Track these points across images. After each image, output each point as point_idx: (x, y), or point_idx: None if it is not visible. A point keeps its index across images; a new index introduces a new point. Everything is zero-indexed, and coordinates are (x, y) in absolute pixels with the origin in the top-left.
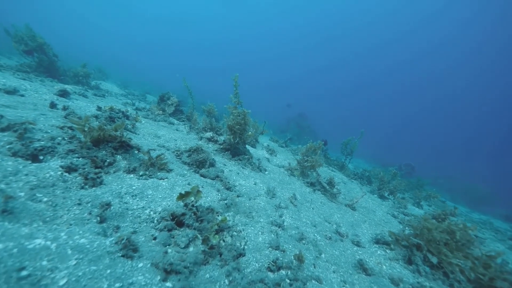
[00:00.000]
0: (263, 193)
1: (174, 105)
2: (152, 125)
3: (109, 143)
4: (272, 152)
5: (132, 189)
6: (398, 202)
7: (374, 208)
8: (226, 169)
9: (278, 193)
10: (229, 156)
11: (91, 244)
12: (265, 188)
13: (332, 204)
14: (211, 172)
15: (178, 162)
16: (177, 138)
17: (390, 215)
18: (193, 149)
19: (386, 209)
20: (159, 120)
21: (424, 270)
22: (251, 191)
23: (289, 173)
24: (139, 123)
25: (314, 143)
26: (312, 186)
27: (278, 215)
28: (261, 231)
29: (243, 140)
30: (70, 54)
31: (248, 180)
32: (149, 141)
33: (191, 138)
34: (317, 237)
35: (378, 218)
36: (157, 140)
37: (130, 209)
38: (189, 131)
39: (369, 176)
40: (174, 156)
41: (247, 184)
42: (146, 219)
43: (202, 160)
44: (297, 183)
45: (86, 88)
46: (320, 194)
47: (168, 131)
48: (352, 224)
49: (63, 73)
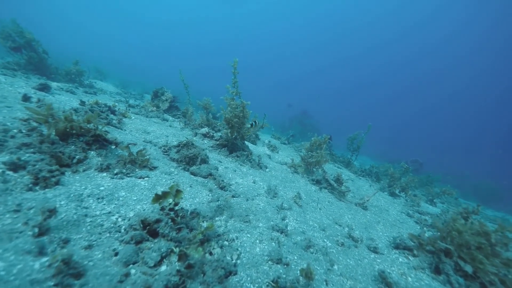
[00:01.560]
0: (263, 193)
1: (168, 101)
2: (143, 121)
3: (81, 137)
4: (274, 149)
5: (99, 190)
6: (411, 199)
7: (387, 206)
8: (221, 166)
9: (280, 192)
10: (226, 153)
11: (10, 269)
12: (266, 186)
13: (341, 204)
14: (203, 170)
15: (165, 158)
16: (169, 134)
17: (404, 214)
18: (183, 144)
19: (399, 208)
20: (152, 117)
21: (457, 282)
22: (249, 190)
23: (293, 170)
24: (128, 119)
25: (319, 137)
26: (318, 184)
27: (280, 218)
28: (260, 239)
29: (241, 135)
30: (73, 58)
31: (246, 178)
32: (136, 137)
33: (185, 135)
34: (327, 244)
35: (393, 218)
36: (146, 136)
37: (90, 215)
38: (184, 127)
39: (377, 173)
40: (160, 152)
41: (245, 182)
42: (110, 228)
43: (193, 156)
44: (302, 181)
45: (77, 85)
46: (327, 193)
47: (160, 127)
48: (365, 226)
49: (54, 71)
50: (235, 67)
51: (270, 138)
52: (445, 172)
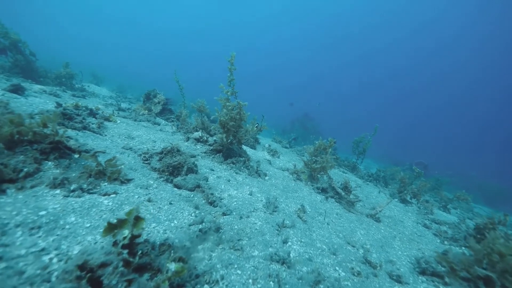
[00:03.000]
0: (260, 207)
1: (161, 104)
2: (129, 125)
3: (35, 144)
4: (275, 154)
5: (38, 216)
6: (424, 207)
7: (400, 216)
8: (212, 175)
9: (282, 204)
10: (221, 159)
11: None
12: (264, 199)
13: (351, 216)
14: (190, 181)
15: (145, 168)
16: (158, 139)
17: (421, 225)
18: (167, 150)
19: (413, 217)
20: (142, 120)
21: None
22: (245, 205)
23: (295, 177)
24: (112, 123)
25: (324, 141)
26: (323, 193)
27: (281, 241)
28: (253, 277)
29: (238, 139)
30: (76, 65)
31: (242, 189)
32: (117, 143)
33: (176, 139)
34: (341, 274)
35: (409, 230)
36: (129, 141)
37: (7, 258)
38: (176, 131)
39: (384, 177)
40: (140, 160)
41: (240, 194)
42: (33, 277)
43: (177, 164)
44: (305, 190)
45: (65, 88)
46: (334, 203)
47: (148, 132)
48: (381, 243)
49: (43, 74)
50: (231, 62)
51: (271, 142)
52: (451, 174)
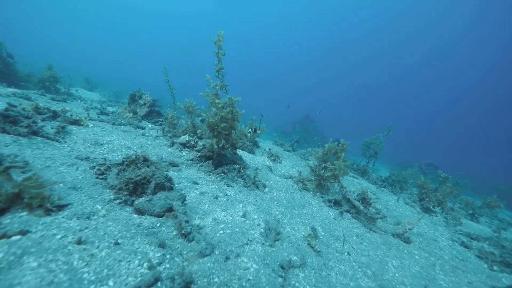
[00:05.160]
0: (257, 235)
1: (147, 105)
2: (104, 129)
3: None
4: (276, 159)
5: None
6: (452, 217)
7: (430, 232)
8: (194, 191)
9: (286, 227)
10: (210, 168)
11: None
12: (263, 221)
13: (374, 237)
14: (158, 202)
15: (98, 186)
16: (135, 145)
17: (457, 243)
18: (129, 161)
19: (445, 232)
20: (123, 124)
21: None
22: (235, 234)
23: (301, 186)
24: (82, 128)
25: (335, 144)
26: (336, 206)
27: None
28: None
29: (231, 143)
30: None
31: (233, 209)
32: (78, 151)
33: (158, 145)
34: None
35: (447, 253)
36: (95, 149)
37: None
38: (162, 135)
39: (399, 182)
40: (93, 174)
41: (230, 217)
42: None
43: (141, 179)
44: (314, 203)
45: (43, 92)
46: (351, 219)
47: (125, 137)
48: (423, 279)
49: (25, 78)
50: (219, 45)
51: (272, 145)
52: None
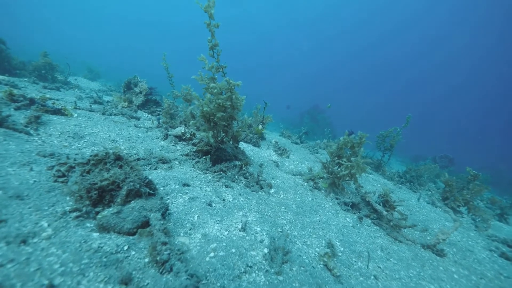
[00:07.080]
0: (259, 259)
1: (143, 94)
2: (90, 120)
3: None
4: (283, 152)
5: None
6: (482, 219)
7: (464, 241)
8: (183, 196)
9: (297, 243)
10: (207, 164)
11: None
12: (267, 236)
13: (402, 249)
14: (130, 215)
15: (54, 192)
16: (122, 138)
17: (496, 253)
18: (97, 159)
19: (480, 240)
20: (114, 114)
21: None
22: (230, 257)
23: (311, 185)
24: (64, 118)
25: (351, 137)
26: (354, 210)
27: None
28: None
29: (232, 135)
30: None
31: (230, 220)
32: (50, 145)
33: (150, 137)
34: None
35: (489, 268)
36: (72, 143)
37: None
38: (157, 126)
39: (417, 177)
40: (50, 176)
41: (225, 232)
42: None
43: (109, 184)
44: (328, 207)
45: (35, 79)
46: (372, 226)
47: (112, 128)
48: None
49: (19, 66)
50: (210, 14)
51: (278, 137)
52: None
